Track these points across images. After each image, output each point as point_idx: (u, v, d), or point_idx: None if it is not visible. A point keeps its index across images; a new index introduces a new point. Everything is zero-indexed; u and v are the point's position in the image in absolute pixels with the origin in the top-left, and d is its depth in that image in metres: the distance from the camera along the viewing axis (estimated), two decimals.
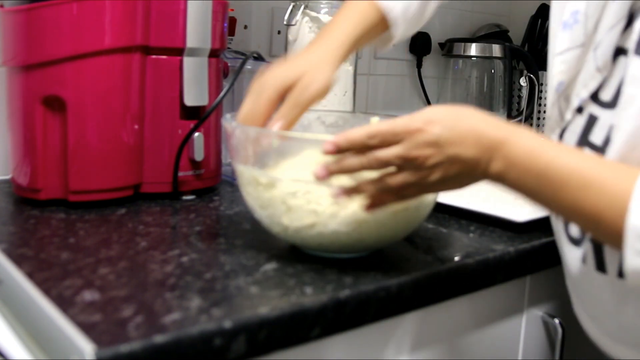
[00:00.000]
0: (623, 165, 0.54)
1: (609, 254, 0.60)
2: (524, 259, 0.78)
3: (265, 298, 0.58)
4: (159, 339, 0.49)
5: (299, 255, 0.69)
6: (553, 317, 0.87)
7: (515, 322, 0.86)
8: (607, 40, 0.60)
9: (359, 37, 0.75)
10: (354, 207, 0.62)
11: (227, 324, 0.52)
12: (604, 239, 0.55)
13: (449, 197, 0.89)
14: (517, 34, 1.70)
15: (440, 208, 0.87)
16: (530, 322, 0.87)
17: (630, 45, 0.57)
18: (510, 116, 1.55)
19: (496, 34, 1.67)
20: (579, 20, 0.64)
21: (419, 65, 1.61)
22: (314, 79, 0.68)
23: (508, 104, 1.55)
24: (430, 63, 1.64)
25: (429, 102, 1.63)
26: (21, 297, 0.58)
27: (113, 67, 0.82)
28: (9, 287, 0.62)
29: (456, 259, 0.71)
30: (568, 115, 0.65)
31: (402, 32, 0.81)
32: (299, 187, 0.63)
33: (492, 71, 1.57)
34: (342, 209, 0.62)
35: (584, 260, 0.63)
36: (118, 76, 0.83)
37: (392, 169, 0.57)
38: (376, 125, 0.56)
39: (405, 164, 0.56)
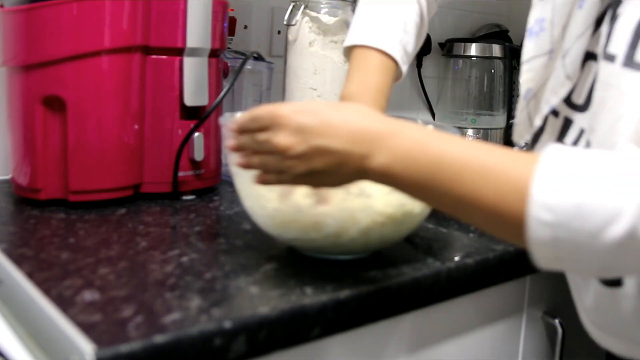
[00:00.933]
0: (519, 152, 0.52)
1: None
2: (524, 259, 0.78)
3: (265, 298, 0.58)
4: (159, 339, 0.49)
5: (299, 255, 0.69)
6: (553, 317, 0.87)
7: (515, 322, 0.86)
8: (575, 48, 0.61)
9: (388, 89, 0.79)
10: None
11: (227, 324, 0.52)
12: (503, 229, 0.51)
13: None
14: (517, 34, 1.70)
15: None
16: (530, 322, 0.87)
17: (599, 50, 0.58)
18: (510, 116, 1.55)
19: (496, 34, 1.67)
20: (545, 28, 0.64)
21: (419, 65, 1.61)
22: None
23: (508, 104, 1.55)
24: (430, 63, 1.64)
25: (429, 102, 1.63)
26: (21, 297, 0.58)
27: (113, 67, 0.82)
28: (9, 287, 0.62)
29: (456, 259, 0.71)
30: (537, 121, 0.65)
31: (406, 69, 0.82)
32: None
33: (492, 71, 1.56)
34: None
35: None
36: (118, 76, 0.83)
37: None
38: (258, 109, 0.56)
39: (273, 150, 0.55)
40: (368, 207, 0.63)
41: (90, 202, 0.83)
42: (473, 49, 1.57)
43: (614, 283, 0.60)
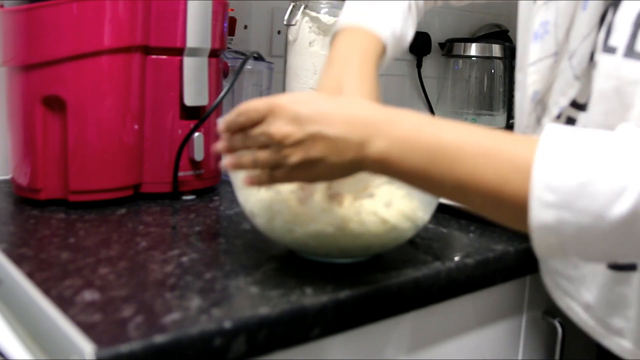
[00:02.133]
0: (519, 135, 0.52)
1: None
2: (524, 259, 0.78)
3: (265, 298, 0.58)
4: (159, 339, 0.49)
5: (299, 255, 0.69)
6: (553, 317, 0.87)
7: (515, 322, 0.86)
8: (582, 49, 0.61)
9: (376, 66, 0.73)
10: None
11: (227, 324, 0.52)
12: (505, 212, 0.50)
13: None
14: (517, 34, 1.70)
15: (440, 208, 0.87)
16: (530, 322, 0.87)
17: (598, 44, 0.58)
18: (510, 116, 1.55)
19: (496, 34, 1.67)
20: (549, 31, 0.65)
21: (419, 65, 1.61)
22: None
23: (508, 104, 1.55)
24: (430, 63, 1.64)
25: (429, 102, 1.63)
26: (21, 297, 0.58)
27: (113, 67, 0.82)
28: (9, 287, 0.62)
29: (456, 259, 0.71)
30: (546, 122, 0.66)
31: (391, 54, 0.77)
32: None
33: (492, 71, 1.57)
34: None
35: None
36: (118, 76, 0.83)
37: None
38: (245, 103, 0.55)
39: (269, 141, 0.54)
40: (373, 219, 0.63)
41: (90, 202, 0.83)
42: (473, 49, 1.58)
43: (629, 267, 0.59)
